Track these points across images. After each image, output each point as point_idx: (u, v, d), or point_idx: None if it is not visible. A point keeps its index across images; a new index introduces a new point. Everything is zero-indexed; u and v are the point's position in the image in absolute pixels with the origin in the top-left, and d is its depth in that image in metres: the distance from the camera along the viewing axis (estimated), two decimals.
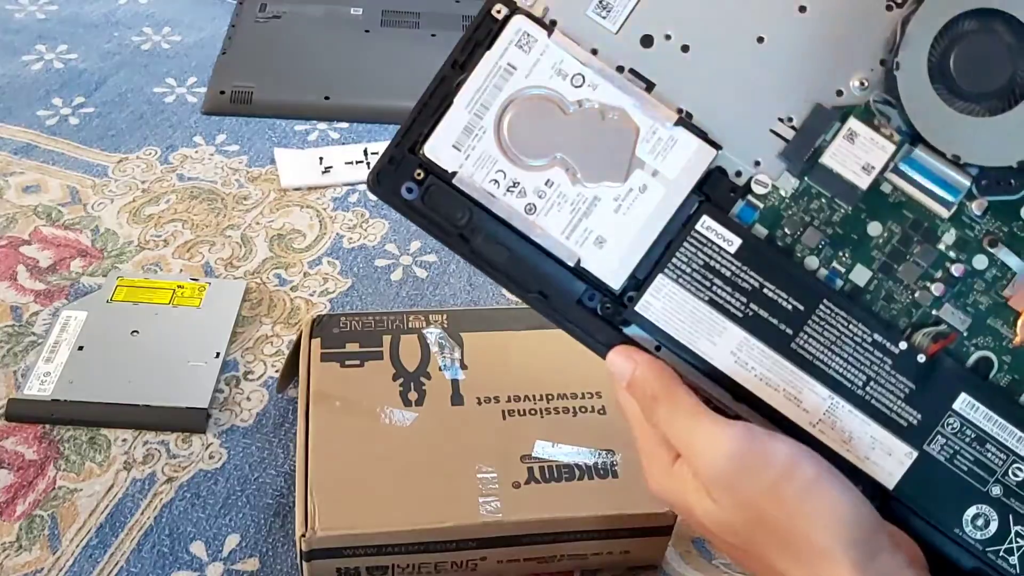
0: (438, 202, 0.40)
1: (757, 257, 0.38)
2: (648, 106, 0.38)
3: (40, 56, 1.03)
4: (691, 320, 0.38)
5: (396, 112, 0.98)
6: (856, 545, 0.36)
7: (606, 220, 0.38)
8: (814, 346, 0.38)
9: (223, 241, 0.83)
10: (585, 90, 0.38)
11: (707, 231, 0.38)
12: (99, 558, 0.60)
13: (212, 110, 0.97)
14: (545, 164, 0.38)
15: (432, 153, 0.40)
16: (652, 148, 0.38)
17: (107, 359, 0.70)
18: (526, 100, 0.38)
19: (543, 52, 0.38)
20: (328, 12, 1.11)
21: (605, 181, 0.38)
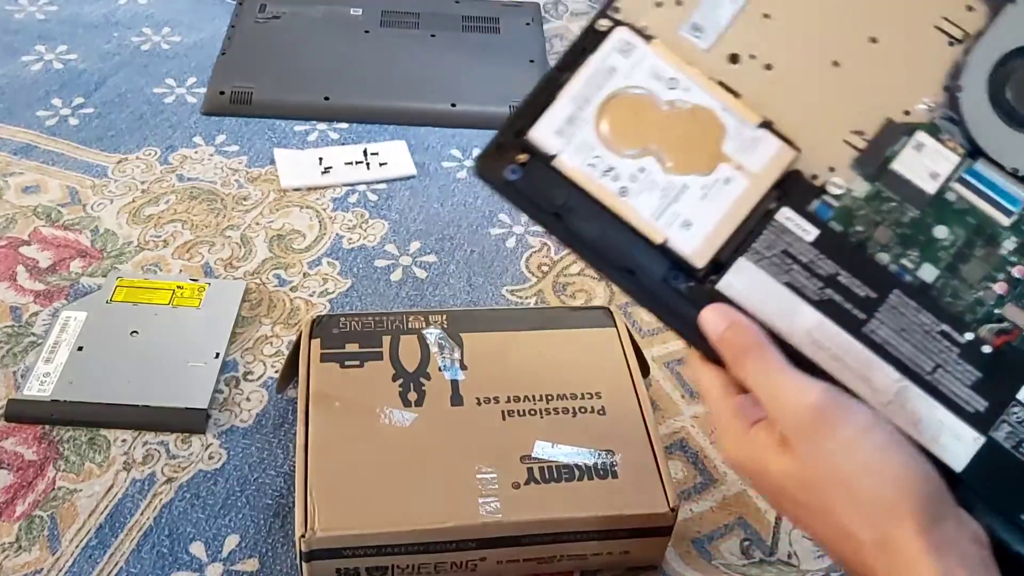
0: (538, 183, 0.43)
1: (833, 247, 0.40)
2: (735, 109, 0.42)
3: (40, 56, 1.03)
4: (769, 300, 0.41)
5: (396, 112, 0.99)
6: (923, 508, 0.37)
7: (693, 206, 0.41)
8: (885, 331, 0.40)
9: (223, 241, 0.83)
10: (678, 92, 0.42)
11: (786, 221, 0.41)
12: (98, 559, 0.60)
13: (212, 110, 0.97)
14: (638, 153, 0.42)
15: (537, 138, 0.43)
16: (737, 146, 0.41)
17: (107, 360, 0.70)
18: (624, 97, 0.42)
19: (642, 58, 0.42)
20: (328, 13, 1.11)
21: (693, 172, 0.42)
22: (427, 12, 1.13)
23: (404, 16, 1.12)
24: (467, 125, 0.98)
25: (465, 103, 1.00)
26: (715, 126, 0.42)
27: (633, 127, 0.42)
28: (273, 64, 1.03)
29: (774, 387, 0.40)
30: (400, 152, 0.94)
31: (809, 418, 0.39)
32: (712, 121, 0.42)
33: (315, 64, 1.03)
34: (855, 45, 0.42)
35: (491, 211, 0.88)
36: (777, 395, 0.40)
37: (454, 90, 1.01)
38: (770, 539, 0.64)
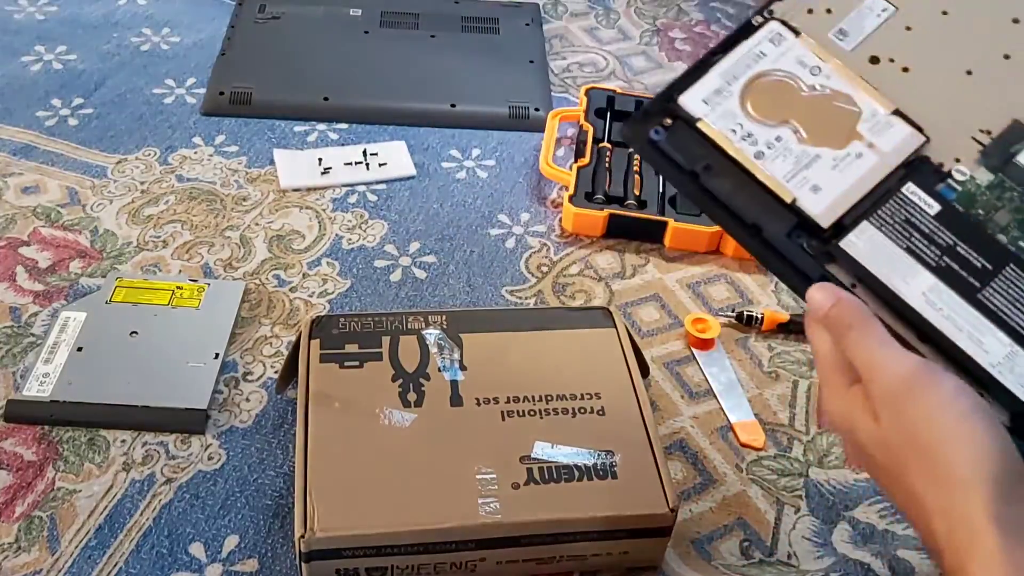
0: (680, 143, 0.47)
1: (953, 221, 0.44)
2: (872, 97, 0.46)
3: (39, 57, 1.03)
4: (889, 261, 0.43)
5: (395, 113, 0.99)
6: (995, 482, 0.38)
7: (824, 174, 0.45)
8: (999, 300, 0.43)
9: (222, 242, 0.83)
10: (820, 79, 0.46)
11: (911, 195, 0.44)
12: (98, 559, 0.60)
13: (211, 111, 0.97)
14: (776, 125, 0.46)
15: (685, 102, 0.47)
16: (871, 127, 0.45)
17: (106, 360, 0.70)
18: (770, 77, 0.47)
19: (790, 48, 0.47)
20: (327, 13, 1.11)
21: (826, 146, 0.45)
22: (427, 12, 1.13)
23: (404, 17, 1.12)
24: (467, 125, 0.98)
25: (465, 103, 1.00)
26: (851, 109, 0.46)
27: (774, 103, 0.47)
28: (272, 64, 1.03)
29: (872, 358, 0.43)
30: (399, 153, 0.94)
31: (898, 386, 0.41)
32: (849, 105, 0.46)
33: (315, 64, 1.04)
34: (989, 59, 0.47)
35: (490, 211, 0.88)
36: (873, 364, 0.43)
37: (454, 90, 1.01)
38: (770, 539, 0.64)
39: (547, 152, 0.91)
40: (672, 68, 1.11)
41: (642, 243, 0.86)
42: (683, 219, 0.85)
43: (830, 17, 0.49)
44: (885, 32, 0.48)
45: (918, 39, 0.48)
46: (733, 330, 0.78)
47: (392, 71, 1.04)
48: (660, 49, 1.14)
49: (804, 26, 0.49)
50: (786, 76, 0.47)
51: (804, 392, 0.74)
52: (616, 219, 0.84)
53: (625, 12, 1.20)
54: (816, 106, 0.47)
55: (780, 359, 0.77)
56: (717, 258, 0.86)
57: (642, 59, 1.12)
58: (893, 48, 0.48)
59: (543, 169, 0.90)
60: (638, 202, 0.87)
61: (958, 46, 0.48)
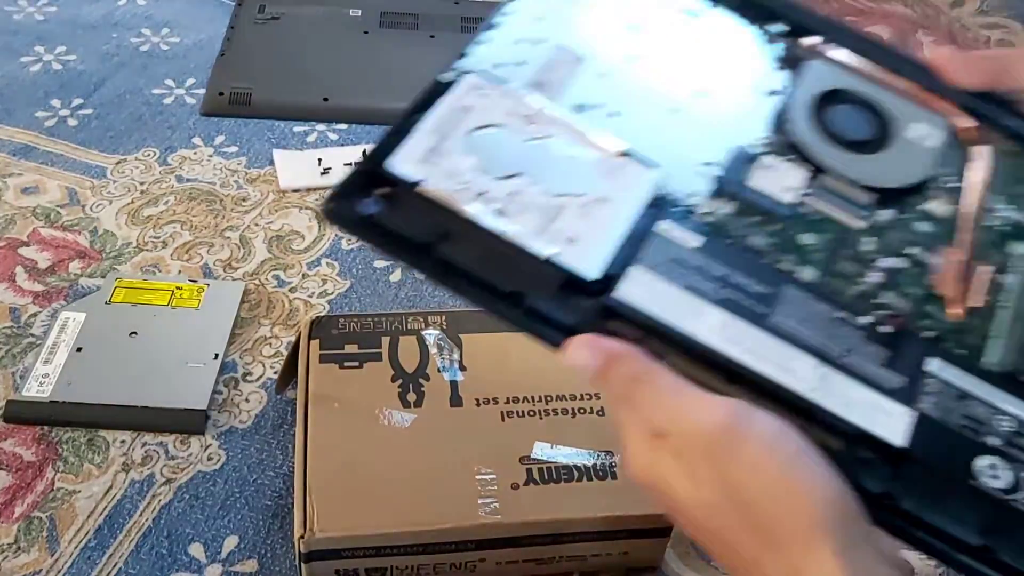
0: (403, 212, 0.40)
1: (717, 252, 0.41)
2: (596, 140, 0.43)
3: (39, 57, 1.03)
4: (671, 304, 0.39)
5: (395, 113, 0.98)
6: (839, 531, 0.35)
7: (573, 224, 0.40)
8: (790, 323, 0.40)
9: (222, 242, 0.83)
10: (537, 127, 0.43)
11: (667, 232, 0.41)
12: (97, 560, 0.60)
13: (211, 111, 0.97)
14: (507, 177, 0.41)
15: (396, 166, 0.41)
16: (605, 170, 0.42)
17: (106, 360, 0.70)
18: (487, 130, 0.42)
19: (497, 99, 0.43)
20: (327, 13, 1.11)
21: (566, 194, 0.41)
22: (426, 13, 1.13)
23: (403, 17, 1.12)
24: None
25: None
26: (582, 152, 0.43)
27: (500, 155, 0.42)
28: (272, 65, 1.03)
29: (674, 411, 0.37)
30: None
31: (712, 440, 0.36)
32: (576, 150, 0.43)
33: (314, 65, 1.04)
34: (688, 97, 0.46)
35: None
36: (678, 419, 0.37)
37: None
38: None
39: None
40: None
41: None
42: None
43: (523, 69, 0.45)
44: (582, 81, 0.46)
45: (616, 85, 0.46)
46: None
47: (391, 72, 1.04)
48: None
49: (501, 79, 0.45)
50: (503, 127, 0.43)
51: None
52: None
53: None
54: (544, 154, 0.43)
55: None
56: None
57: None
58: (595, 95, 0.45)
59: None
60: None
61: (655, 88, 0.47)
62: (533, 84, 0.45)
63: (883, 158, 0.47)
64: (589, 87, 0.45)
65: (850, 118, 0.48)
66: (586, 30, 0.48)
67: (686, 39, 0.49)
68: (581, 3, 0.49)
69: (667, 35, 0.49)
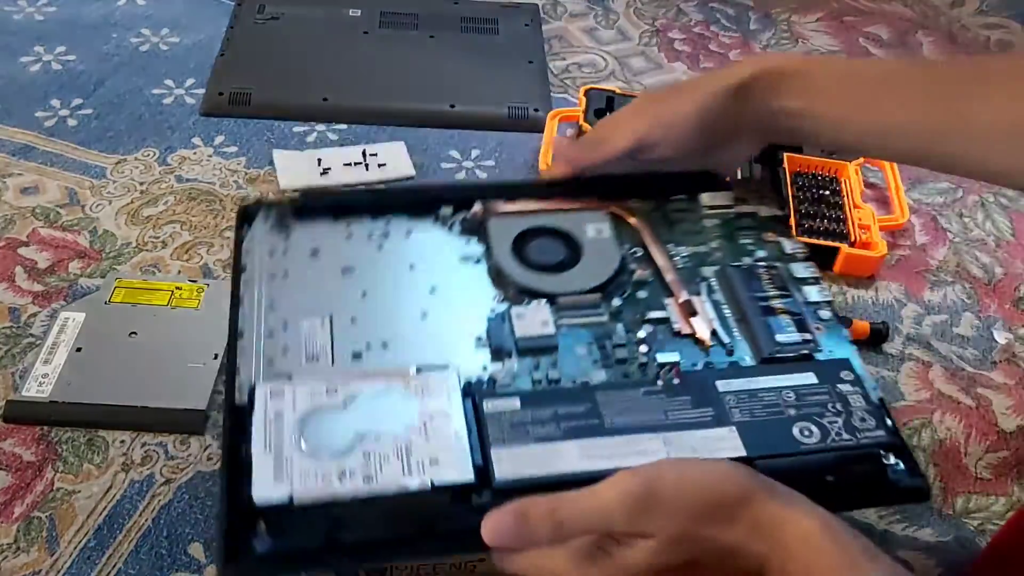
0: (295, 530, 0.44)
1: (535, 400, 0.49)
2: (394, 377, 0.49)
3: (38, 57, 1.03)
4: (538, 459, 0.46)
5: (394, 113, 0.99)
6: (763, 485, 0.42)
7: (425, 447, 0.46)
8: (620, 419, 0.48)
9: (221, 242, 0.83)
10: (343, 390, 0.48)
11: (494, 407, 0.48)
12: (97, 560, 0.60)
13: (210, 111, 0.97)
14: (351, 448, 0.45)
15: (262, 495, 0.44)
16: (415, 394, 0.48)
17: (105, 360, 0.70)
18: (307, 419, 0.46)
19: (294, 392, 0.47)
20: (326, 14, 1.11)
21: (398, 430, 0.46)
22: (426, 13, 1.13)
23: (403, 17, 1.12)
24: (466, 126, 0.98)
25: (464, 104, 1.00)
26: (392, 390, 0.48)
27: (333, 435, 0.45)
28: (272, 65, 1.03)
29: (595, 504, 0.42)
30: (399, 153, 0.94)
31: (637, 496, 0.41)
32: (384, 392, 0.48)
33: (314, 65, 1.04)
34: (424, 298, 0.55)
35: None
36: (602, 506, 0.42)
37: (453, 91, 1.01)
38: None
39: (546, 153, 0.91)
40: (672, 69, 1.11)
41: None
42: None
43: (292, 355, 0.50)
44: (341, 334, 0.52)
45: (361, 329, 0.52)
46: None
47: (391, 72, 1.04)
48: (659, 49, 1.14)
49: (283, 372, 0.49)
50: (317, 411, 0.46)
51: None
52: None
53: (624, 13, 1.20)
54: (365, 409, 0.47)
55: None
56: None
57: (641, 60, 1.12)
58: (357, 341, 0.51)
59: (542, 170, 0.90)
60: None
61: (396, 303, 0.54)
62: (310, 359, 0.50)
63: (585, 263, 0.56)
64: (344, 334, 0.51)
65: (544, 248, 0.57)
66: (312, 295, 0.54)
67: (393, 251, 0.56)
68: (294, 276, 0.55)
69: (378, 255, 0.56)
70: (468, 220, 0.58)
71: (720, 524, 0.41)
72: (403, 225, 0.58)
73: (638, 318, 0.54)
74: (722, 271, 0.57)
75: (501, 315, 0.53)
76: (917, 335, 0.80)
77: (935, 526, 0.65)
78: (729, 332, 0.54)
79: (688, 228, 0.60)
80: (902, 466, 0.48)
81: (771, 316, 0.54)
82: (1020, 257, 0.89)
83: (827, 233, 0.85)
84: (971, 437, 0.72)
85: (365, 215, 0.58)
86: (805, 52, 1.16)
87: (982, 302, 0.84)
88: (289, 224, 0.57)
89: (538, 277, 0.55)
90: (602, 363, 0.52)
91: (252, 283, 0.53)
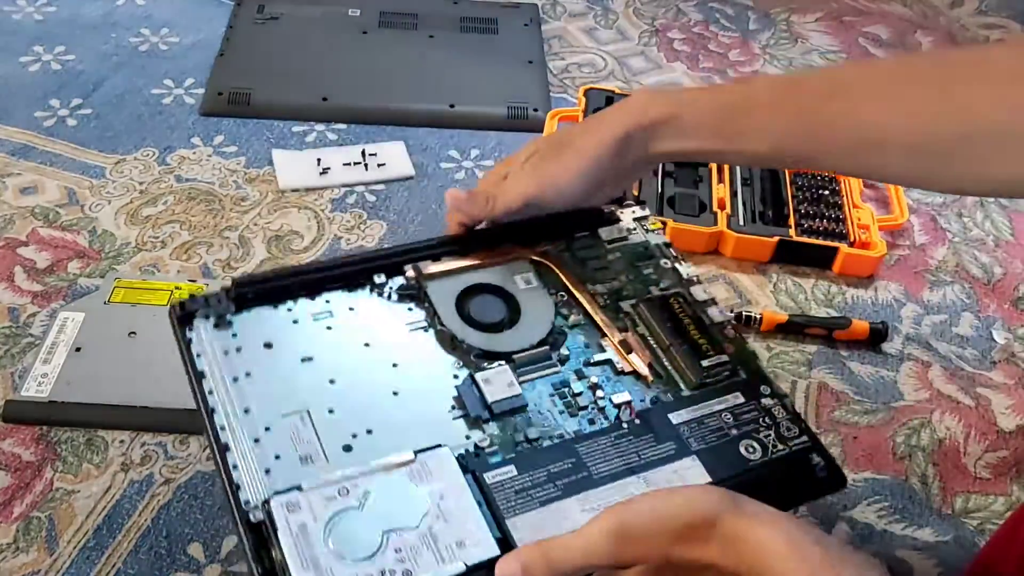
0: None
1: (526, 463, 0.51)
2: (388, 463, 0.50)
3: (38, 57, 1.03)
4: (548, 521, 0.49)
5: (394, 113, 0.99)
6: (732, 501, 0.44)
7: (447, 530, 0.48)
8: (602, 466, 0.51)
9: (221, 242, 0.83)
10: (360, 484, 0.49)
11: (495, 478, 0.51)
12: (96, 560, 0.60)
13: (210, 111, 0.97)
14: (381, 546, 0.47)
15: None
16: (419, 480, 0.50)
17: (105, 360, 0.70)
18: (332, 527, 0.47)
19: (309, 497, 0.48)
20: (326, 13, 1.11)
21: (417, 518, 0.48)
22: (425, 13, 1.13)
23: (402, 17, 1.12)
24: (465, 126, 0.99)
25: (463, 104, 1.00)
26: (399, 479, 0.50)
27: (360, 536, 0.47)
28: (271, 65, 1.03)
29: (572, 547, 0.45)
30: (398, 153, 0.94)
31: (613, 530, 0.44)
32: (391, 484, 0.50)
33: (313, 65, 1.04)
34: (391, 375, 0.55)
35: None
36: (579, 545, 0.45)
37: (452, 91, 1.01)
38: None
39: None
40: (671, 68, 1.11)
41: None
42: (681, 220, 0.85)
43: (286, 459, 0.51)
44: (325, 429, 0.52)
45: (340, 421, 0.53)
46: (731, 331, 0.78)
47: (391, 71, 1.04)
48: (659, 49, 1.14)
49: (294, 481, 0.50)
50: (340, 514, 0.48)
51: (803, 392, 0.74)
52: None
53: (624, 12, 1.20)
54: (379, 504, 0.49)
55: (779, 359, 0.77)
56: (715, 258, 0.86)
57: (641, 59, 1.12)
58: (343, 434, 0.52)
59: None
60: (636, 202, 0.87)
61: (368, 388, 0.55)
62: (304, 461, 0.51)
63: (526, 317, 0.59)
64: (325, 426, 0.52)
65: (485, 307, 0.60)
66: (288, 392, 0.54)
67: (343, 330, 0.57)
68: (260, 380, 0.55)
69: (330, 337, 0.57)
70: (404, 287, 0.60)
71: (695, 544, 0.43)
72: (343, 300, 0.59)
73: (584, 362, 0.58)
74: (637, 306, 0.61)
75: (467, 381, 0.56)
76: (916, 335, 0.80)
77: (934, 525, 0.65)
78: (661, 364, 0.58)
79: (597, 265, 0.64)
80: (823, 463, 0.53)
81: (690, 343, 0.59)
82: (1019, 257, 0.89)
83: (826, 233, 0.85)
84: (970, 437, 0.72)
85: (301, 295, 0.59)
86: (804, 52, 1.16)
87: (981, 302, 0.84)
88: (230, 319, 0.57)
89: (489, 338, 0.58)
90: (567, 412, 0.55)
91: (217, 390, 0.54)
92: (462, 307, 0.60)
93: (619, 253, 0.65)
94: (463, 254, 0.62)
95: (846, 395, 0.74)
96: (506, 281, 0.61)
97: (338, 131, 0.97)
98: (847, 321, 0.78)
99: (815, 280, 0.84)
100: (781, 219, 0.86)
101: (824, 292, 0.83)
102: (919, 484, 0.69)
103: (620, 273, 0.64)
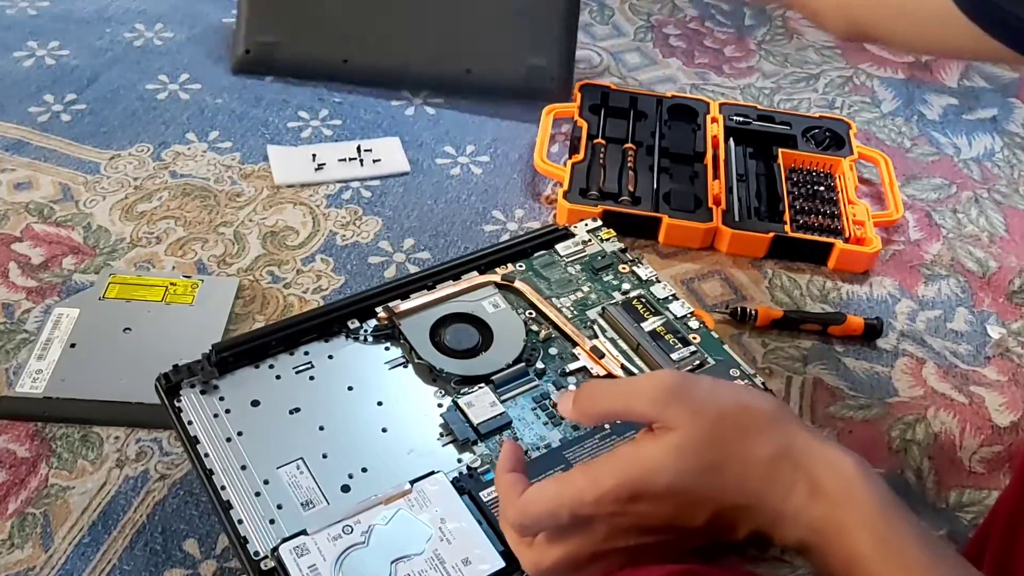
0: None
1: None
2: (389, 497, 0.53)
3: (32, 53, 1.03)
4: None
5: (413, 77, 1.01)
6: (793, 416, 0.43)
7: (453, 552, 0.50)
8: None
9: (216, 238, 0.83)
10: (358, 528, 0.51)
11: (491, 495, 0.52)
12: (91, 556, 0.60)
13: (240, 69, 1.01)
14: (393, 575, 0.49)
15: None
16: (418, 507, 0.52)
17: (99, 356, 0.70)
18: (342, 565, 0.49)
19: (316, 543, 0.50)
20: None
21: (422, 544, 0.50)
22: None
23: None
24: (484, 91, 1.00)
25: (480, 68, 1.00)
26: (399, 512, 0.52)
27: (368, 573, 0.49)
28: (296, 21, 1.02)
29: (615, 388, 0.44)
30: (394, 149, 0.94)
31: (667, 385, 0.42)
32: (392, 518, 0.52)
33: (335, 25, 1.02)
34: (376, 411, 0.58)
35: (484, 208, 0.88)
36: (623, 388, 0.44)
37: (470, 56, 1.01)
38: None
39: (541, 148, 0.91)
40: (666, 64, 1.11)
41: (636, 239, 0.86)
42: (677, 215, 0.85)
43: (292, 502, 0.54)
44: (320, 473, 0.55)
45: (339, 444, 0.56)
46: (727, 326, 0.78)
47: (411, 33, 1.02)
48: (654, 45, 1.14)
49: (298, 526, 0.52)
50: (350, 550, 0.50)
51: (798, 388, 0.74)
52: (610, 215, 0.84)
53: (619, 8, 1.20)
54: (384, 540, 0.51)
55: (774, 355, 0.77)
56: (711, 254, 0.86)
57: (636, 55, 1.12)
58: (338, 474, 0.54)
59: (537, 165, 0.90)
60: (632, 198, 0.87)
61: (357, 426, 0.57)
62: (306, 506, 0.53)
63: (499, 338, 0.62)
64: (322, 468, 0.55)
65: (458, 335, 0.63)
66: None
67: (325, 379, 0.60)
68: None
69: (314, 387, 0.59)
70: (378, 328, 0.63)
71: (749, 436, 0.40)
72: (321, 350, 0.62)
73: (559, 372, 0.61)
74: (604, 311, 0.64)
75: (451, 408, 0.59)
76: (911, 331, 0.80)
77: (929, 519, 0.66)
78: (633, 363, 0.61)
79: (559, 279, 0.67)
80: None
81: (659, 340, 0.62)
82: (1014, 252, 0.89)
83: (821, 229, 0.86)
84: (965, 431, 0.72)
85: (281, 351, 0.61)
86: (800, 48, 1.16)
87: (976, 296, 0.84)
88: (215, 383, 0.60)
89: (466, 364, 0.61)
90: (551, 423, 0.58)
91: (213, 452, 0.56)
92: (436, 338, 0.62)
93: (579, 265, 0.69)
94: (430, 288, 0.65)
95: (841, 391, 0.75)
96: (475, 308, 0.65)
97: (333, 127, 0.96)
98: (842, 316, 0.79)
99: (810, 276, 0.84)
100: (776, 215, 0.87)
101: (819, 288, 0.83)
102: (914, 478, 0.69)
103: (582, 284, 0.68)
